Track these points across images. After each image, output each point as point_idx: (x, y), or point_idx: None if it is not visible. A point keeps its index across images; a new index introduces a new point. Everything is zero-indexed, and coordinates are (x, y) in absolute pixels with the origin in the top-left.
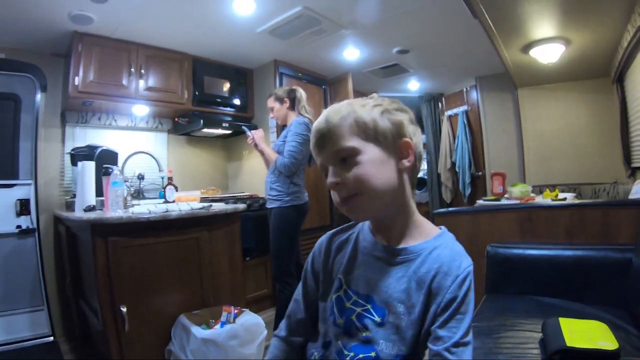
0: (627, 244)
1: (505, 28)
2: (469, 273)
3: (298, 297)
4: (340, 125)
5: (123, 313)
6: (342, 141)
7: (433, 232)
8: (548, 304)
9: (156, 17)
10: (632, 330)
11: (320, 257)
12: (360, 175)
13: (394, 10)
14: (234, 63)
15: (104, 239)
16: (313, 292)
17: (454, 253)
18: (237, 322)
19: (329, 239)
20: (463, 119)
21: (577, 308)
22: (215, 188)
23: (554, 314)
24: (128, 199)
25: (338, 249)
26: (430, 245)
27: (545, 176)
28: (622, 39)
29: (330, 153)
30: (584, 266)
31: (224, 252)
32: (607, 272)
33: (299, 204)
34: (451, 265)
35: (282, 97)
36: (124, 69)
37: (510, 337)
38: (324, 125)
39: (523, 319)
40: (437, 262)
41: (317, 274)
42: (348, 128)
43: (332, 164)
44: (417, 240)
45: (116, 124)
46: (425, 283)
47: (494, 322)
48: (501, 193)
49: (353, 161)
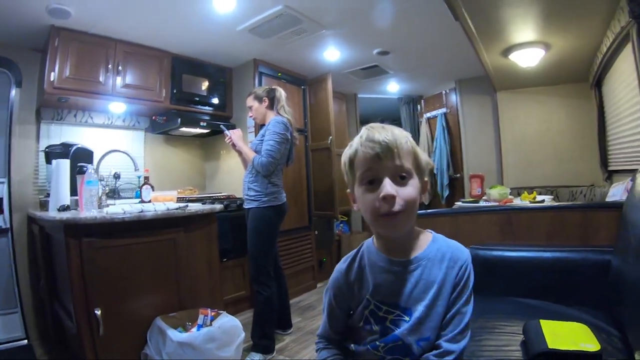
0: (606, 246)
1: (486, 31)
2: (468, 258)
3: (327, 326)
4: (404, 146)
5: (97, 316)
6: (404, 160)
7: (428, 237)
8: (529, 306)
9: (135, 13)
10: (613, 331)
11: (343, 291)
12: (411, 196)
13: (374, 10)
14: (213, 61)
15: (78, 240)
16: (342, 319)
17: (452, 249)
18: (214, 325)
19: (345, 274)
20: (442, 122)
21: (557, 310)
22: (192, 188)
23: (535, 315)
24: (103, 199)
25: (357, 278)
26: (433, 249)
27: (523, 178)
28: (601, 45)
29: (393, 166)
30: (564, 268)
31: (201, 253)
32: (586, 274)
33: (277, 205)
34: (455, 258)
35: (261, 96)
36: (101, 65)
37: (492, 340)
38: (392, 139)
39: (504, 320)
40: (443, 260)
41: (344, 305)
42: (407, 152)
43: (390, 177)
44: (421, 247)
45: (92, 121)
46: (438, 280)
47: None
48: (479, 195)
49: (407, 182)
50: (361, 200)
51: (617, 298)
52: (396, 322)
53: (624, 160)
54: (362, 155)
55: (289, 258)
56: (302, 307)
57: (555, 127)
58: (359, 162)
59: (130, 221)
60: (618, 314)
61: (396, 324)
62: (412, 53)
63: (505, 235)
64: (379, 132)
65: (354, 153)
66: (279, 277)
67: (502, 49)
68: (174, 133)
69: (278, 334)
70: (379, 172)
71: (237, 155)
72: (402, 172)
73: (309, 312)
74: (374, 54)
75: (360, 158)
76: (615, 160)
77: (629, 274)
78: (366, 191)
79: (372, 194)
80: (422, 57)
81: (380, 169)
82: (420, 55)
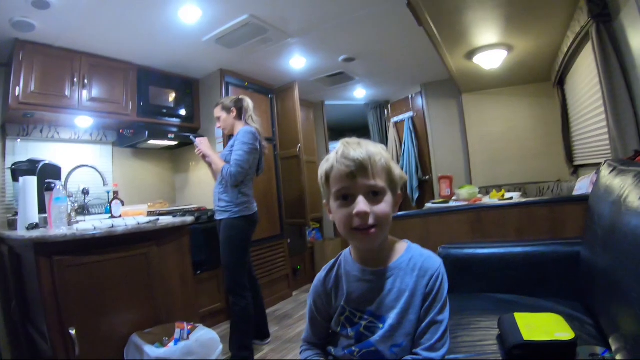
0: (575, 238)
1: (449, 36)
2: (440, 267)
3: (309, 332)
4: (378, 164)
5: (72, 336)
6: (377, 178)
7: (403, 246)
8: (502, 300)
9: (100, 25)
10: (586, 319)
11: (322, 298)
12: (384, 212)
13: (339, 18)
14: (179, 73)
15: (49, 258)
16: (323, 325)
17: (424, 258)
18: (192, 339)
19: (323, 282)
20: (409, 125)
21: (531, 302)
22: (162, 201)
23: (509, 309)
24: (72, 215)
25: (334, 286)
26: (406, 259)
27: (491, 177)
28: (562, 45)
29: (365, 185)
30: (535, 261)
31: (174, 267)
32: (557, 266)
33: (248, 215)
34: (425, 268)
35: (229, 106)
36: (66, 79)
37: (467, 336)
38: (366, 157)
39: (479, 316)
40: (415, 269)
41: (323, 312)
42: (381, 168)
43: (363, 194)
44: (395, 257)
45: (59, 136)
46: (409, 288)
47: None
48: (449, 195)
49: (381, 198)
50: (336, 214)
51: (588, 287)
52: (370, 328)
53: (589, 155)
54: (337, 172)
55: (263, 267)
56: (279, 316)
57: (520, 125)
58: (334, 178)
59: (101, 237)
60: (590, 303)
61: (371, 330)
62: (377, 59)
63: (476, 234)
64: (354, 150)
65: (330, 168)
66: (254, 287)
67: (466, 52)
68: (142, 146)
69: (256, 344)
70: (353, 189)
71: (207, 166)
72: (375, 190)
73: (286, 320)
74: (340, 60)
75: (335, 174)
76: (580, 155)
77: (598, 264)
78: (341, 206)
79: (346, 209)
80: (387, 62)
81: (354, 186)
82: (385, 61)
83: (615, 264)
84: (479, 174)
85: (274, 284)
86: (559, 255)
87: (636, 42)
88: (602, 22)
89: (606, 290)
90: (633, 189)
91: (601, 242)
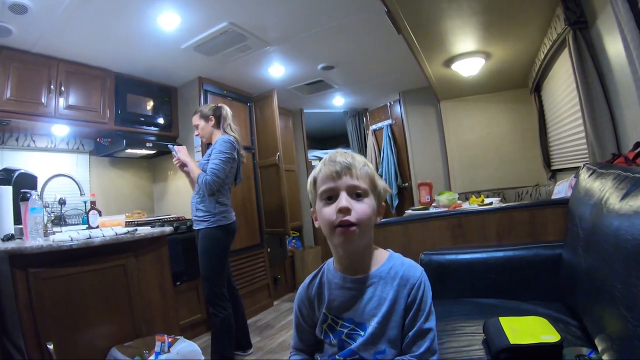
0: (556, 241)
1: (428, 44)
2: (422, 276)
3: (297, 339)
4: (361, 168)
5: (50, 350)
6: (360, 180)
7: (384, 255)
8: (486, 305)
9: (78, 31)
10: (570, 320)
11: (305, 305)
12: (365, 212)
13: (318, 26)
14: (158, 80)
15: (24, 271)
16: (309, 332)
17: (405, 267)
18: (172, 351)
19: (306, 289)
20: (388, 133)
21: (514, 306)
22: (140, 211)
23: (493, 314)
24: (49, 226)
25: (317, 293)
26: (387, 267)
27: (470, 183)
28: (539, 52)
29: (350, 184)
30: (517, 265)
31: (153, 278)
32: (539, 269)
33: (226, 224)
34: (406, 277)
35: (207, 114)
36: (43, 86)
37: (453, 342)
38: (351, 161)
39: (464, 322)
40: (395, 278)
41: (308, 319)
42: (364, 174)
43: (347, 192)
44: (376, 266)
45: (35, 145)
46: (390, 297)
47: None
48: (429, 202)
49: (363, 199)
50: (320, 214)
51: (570, 289)
52: (352, 335)
53: (566, 159)
54: (323, 174)
55: (243, 277)
56: (260, 327)
57: (498, 131)
58: (320, 180)
59: (78, 248)
60: (572, 304)
61: (352, 337)
62: (356, 67)
63: (457, 239)
64: (341, 155)
65: (317, 172)
66: (234, 298)
67: (444, 60)
68: (120, 155)
69: (238, 355)
70: (337, 189)
71: (185, 175)
72: (358, 190)
73: (267, 330)
74: (319, 69)
75: (321, 176)
76: (557, 159)
77: (581, 265)
78: (325, 205)
79: (329, 207)
80: (366, 70)
81: (338, 186)
82: (364, 69)
83: (598, 265)
84: (458, 180)
85: (255, 293)
86: (540, 258)
87: (612, 49)
88: (579, 29)
89: (589, 290)
90: (613, 191)
91: (583, 243)
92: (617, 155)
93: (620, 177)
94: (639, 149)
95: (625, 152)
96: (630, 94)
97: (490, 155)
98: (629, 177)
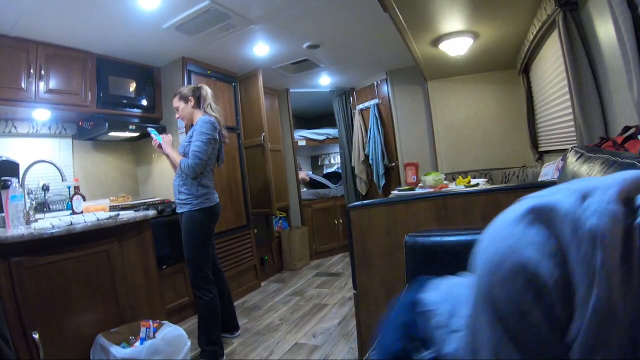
0: None
1: (415, 22)
2: None
3: None
4: None
5: (36, 339)
6: None
7: None
8: None
9: (56, 12)
10: None
11: None
12: None
13: (303, 4)
14: (140, 61)
15: (6, 260)
16: None
17: None
18: (158, 337)
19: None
20: (374, 112)
21: None
22: (125, 195)
23: None
24: (31, 213)
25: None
26: None
27: (457, 164)
28: (528, 33)
29: None
30: None
31: (138, 263)
32: None
33: (209, 206)
34: None
35: (186, 95)
36: (22, 70)
37: None
38: None
39: None
40: None
41: None
42: None
43: None
44: None
45: (16, 131)
46: None
47: None
48: (415, 182)
49: None
50: None
51: None
52: None
53: (553, 141)
54: None
55: (230, 259)
56: (247, 308)
57: (486, 112)
58: None
59: (60, 235)
60: None
61: None
62: (342, 46)
63: (442, 221)
64: None
65: None
66: (220, 280)
67: (432, 39)
68: (103, 138)
69: (226, 337)
70: None
71: (166, 157)
72: None
73: (255, 312)
74: (304, 47)
75: None
76: (544, 141)
77: None
78: None
79: None
80: (352, 49)
81: None
82: (350, 48)
83: None
84: (444, 161)
85: (242, 275)
86: None
87: (602, 31)
88: (569, 10)
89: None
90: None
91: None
92: (605, 139)
93: (608, 162)
94: (627, 133)
95: (614, 136)
96: (620, 77)
97: (477, 135)
98: (617, 162)
